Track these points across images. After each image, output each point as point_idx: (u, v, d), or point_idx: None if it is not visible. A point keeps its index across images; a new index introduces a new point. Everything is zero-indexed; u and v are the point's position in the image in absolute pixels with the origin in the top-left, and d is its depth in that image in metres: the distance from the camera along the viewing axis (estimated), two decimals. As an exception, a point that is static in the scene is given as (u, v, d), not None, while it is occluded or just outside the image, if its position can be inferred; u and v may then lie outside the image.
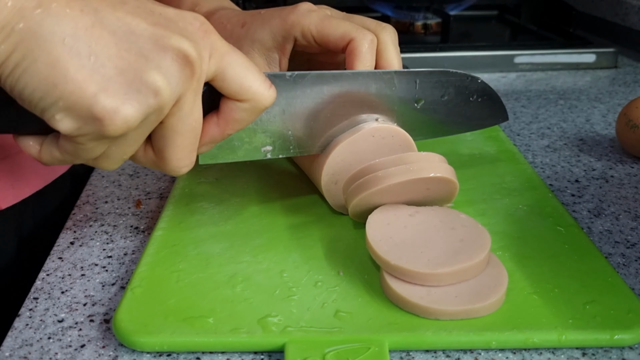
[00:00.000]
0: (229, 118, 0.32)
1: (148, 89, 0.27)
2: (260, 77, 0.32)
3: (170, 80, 0.28)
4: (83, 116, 0.27)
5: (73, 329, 0.33)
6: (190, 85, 0.29)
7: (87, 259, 0.39)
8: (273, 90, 0.32)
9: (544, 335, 0.31)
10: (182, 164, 0.32)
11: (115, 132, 0.28)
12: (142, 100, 0.27)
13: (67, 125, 0.27)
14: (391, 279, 0.33)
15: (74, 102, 0.27)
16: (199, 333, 0.31)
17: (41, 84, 0.26)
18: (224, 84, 0.31)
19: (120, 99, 0.27)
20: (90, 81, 0.27)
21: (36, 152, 0.31)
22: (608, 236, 0.41)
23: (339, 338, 0.30)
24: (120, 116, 0.27)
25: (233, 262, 0.37)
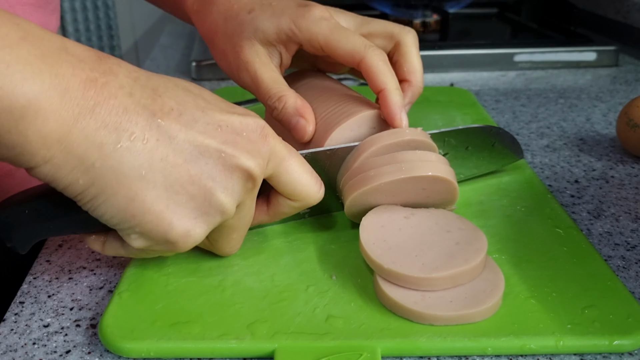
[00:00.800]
0: (278, 211, 0.35)
1: (216, 210, 0.30)
2: (312, 181, 0.34)
3: (235, 197, 0.31)
4: (157, 240, 0.30)
5: (59, 334, 0.32)
6: (251, 194, 0.32)
7: (75, 262, 0.38)
8: (322, 189, 0.35)
9: (541, 341, 0.30)
10: (234, 250, 0.35)
11: (185, 249, 0.31)
12: (210, 221, 0.30)
13: (141, 244, 0.30)
14: (385, 283, 0.32)
15: (150, 230, 0.29)
16: (187, 339, 0.30)
17: (120, 213, 0.28)
18: (279, 186, 0.34)
19: (191, 223, 0.30)
20: (166, 211, 0.29)
21: (100, 248, 0.33)
22: (608, 238, 0.40)
23: (330, 344, 0.30)
24: (191, 239, 0.30)
25: (223, 265, 0.36)
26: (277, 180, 0.33)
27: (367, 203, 0.36)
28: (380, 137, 0.37)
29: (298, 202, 0.34)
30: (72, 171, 0.27)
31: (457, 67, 0.79)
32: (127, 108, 0.27)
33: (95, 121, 0.26)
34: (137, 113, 0.28)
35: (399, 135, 0.37)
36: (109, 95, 0.27)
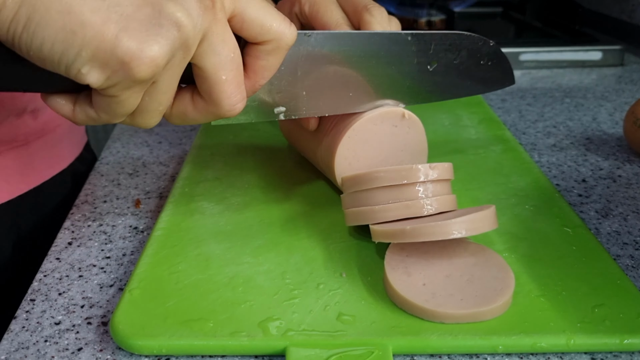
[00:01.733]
0: (256, 67, 0.32)
1: (169, 21, 0.27)
2: (279, 15, 0.31)
3: (191, 12, 0.27)
4: (109, 62, 0.26)
5: (70, 331, 0.32)
6: (213, 16, 0.28)
7: (85, 260, 0.38)
8: (294, 28, 0.32)
9: (552, 340, 0.30)
10: (235, 100, 0.31)
11: (145, 72, 0.27)
12: (165, 35, 0.27)
13: (95, 77, 0.26)
14: (395, 281, 0.32)
15: (96, 48, 0.26)
16: (198, 336, 0.30)
17: (59, 34, 0.25)
18: (244, 26, 0.30)
19: (142, 37, 0.26)
20: (109, 22, 0.25)
21: (69, 111, 0.30)
22: (616, 237, 0.40)
23: (342, 342, 0.30)
24: (146, 55, 0.26)
25: (234, 263, 0.36)
26: (241, 20, 0.30)
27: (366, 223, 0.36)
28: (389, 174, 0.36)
29: (270, 42, 0.31)
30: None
31: (462, 66, 0.79)
32: None
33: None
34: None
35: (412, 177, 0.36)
36: None
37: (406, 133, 0.40)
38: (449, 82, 0.42)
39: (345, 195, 0.37)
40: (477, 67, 0.42)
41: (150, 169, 0.51)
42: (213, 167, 0.48)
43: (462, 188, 0.44)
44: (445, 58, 0.40)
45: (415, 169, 0.35)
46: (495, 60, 0.43)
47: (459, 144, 0.52)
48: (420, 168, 0.35)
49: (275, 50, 0.32)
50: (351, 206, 0.37)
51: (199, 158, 0.50)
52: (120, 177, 0.49)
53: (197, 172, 0.47)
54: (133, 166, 0.51)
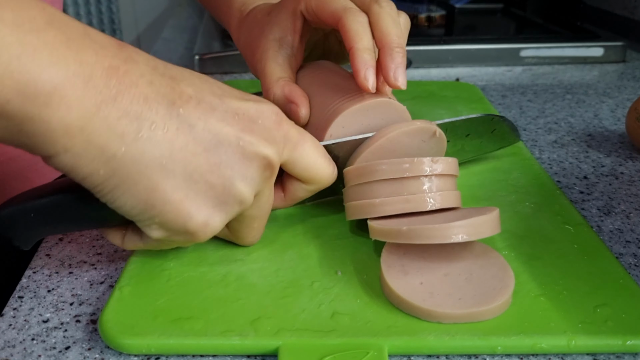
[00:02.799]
0: (293, 195, 0.36)
1: (235, 199, 0.30)
2: (327, 162, 0.35)
3: (253, 186, 0.31)
4: (177, 230, 0.30)
5: (58, 329, 0.31)
6: (269, 183, 0.32)
7: (76, 256, 0.37)
8: (335, 172, 0.36)
9: (553, 340, 0.29)
10: (255, 239, 0.35)
11: (204, 239, 0.31)
12: (229, 210, 0.30)
13: (160, 235, 0.30)
14: (392, 280, 0.32)
15: (170, 220, 0.29)
16: (189, 335, 0.29)
17: (140, 204, 0.28)
18: (295, 171, 0.34)
19: (209, 212, 0.30)
20: (186, 201, 0.29)
21: (119, 242, 0.33)
22: (619, 235, 0.39)
23: (336, 342, 0.29)
24: (210, 228, 0.30)
25: (226, 260, 0.35)
26: (292, 166, 0.33)
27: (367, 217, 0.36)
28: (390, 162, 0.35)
29: (313, 185, 0.35)
30: (93, 161, 0.26)
31: (462, 62, 0.79)
32: (148, 97, 0.27)
33: (117, 110, 0.26)
34: (157, 102, 0.27)
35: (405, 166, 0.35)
36: (130, 83, 0.27)
37: (430, 149, 0.39)
38: (460, 150, 0.44)
39: (347, 189, 0.36)
40: (487, 137, 0.45)
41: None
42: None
43: (461, 185, 0.43)
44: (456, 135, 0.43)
45: (418, 161, 0.34)
46: (503, 128, 0.45)
47: (459, 140, 0.51)
48: (424, 161, 0.34)
49: (315, 190, 0.36)
50: (352, 199, 0.36)
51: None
52: (114, 172, 0.48)
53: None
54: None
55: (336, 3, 0.39)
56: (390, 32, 0.38)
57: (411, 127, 0.37)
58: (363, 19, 0.38)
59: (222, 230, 0.34)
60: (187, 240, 0.31)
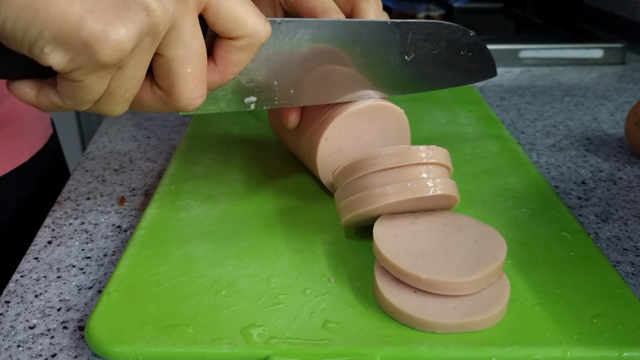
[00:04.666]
0: (226, 61, 0.31)
1: (138, 5, 0.26)
2: (255, 11, 0.30)
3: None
4: (72, 44, 0.25)
5: (45, 336, 0.31)
6: (185, 6, 0.27)
7: (65, 260, 0.36)
8: (269, 25, 0.31)
9: (548, 352, 0.29)
10: (195, 95, 0.30)
11: (110, 57, 0.25)
12: (133, 19, 0.26)
13: (58, 58, 0.25)
14: (385, 288, 0.31)
15: (60, 28, 0.25)
16: (177, 343, 0.29)
17: (21, 13, 0.24)
18: (218, 19, 0.29)
19: (109, 19, 0.25)
20: (74, 1, 0.24)
21: (33, 98, 0.29)
22: (616, 243, 0.38)
23: (327, 351, 0.28)
24: (112, 38, 0.25)
25: (218, 265, 0.34)
26: (216, 12, 0.29)
27: (366, 217, 0.35)
28: (382, 156, 0.35)
29: (243, 38, 0.30)
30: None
31: (461, 62, 0.78)
32: None
33: None
34: None
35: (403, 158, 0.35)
36: None
37: (389, 125, 0.39)
38: (428, 73, 0.40)
39: (341, 189, 0.36)
40: (457, 57, 0.41)
41: (137, 164, 0.49)
42: (201, 163, 0.47)
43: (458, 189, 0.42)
44: (423, 48, 0.39)
45: (415, 149, 0.34)
46: (475, 51, 0.41)
47: (456, 142, 0.50)
48: (420, 148, 0.34)
49: (248, 47, 0.31)
50: (348, 196, 0.35)
51: (188, 154, 0.48)
52: (106, 173, 0.48)
53: (185, 168, 0.46)
54: (119, 162, 0.50)
55: (315, 1, 0.39)
56: None
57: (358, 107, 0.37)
58: (339, 17, 0.38)
59: (155, 93, 0.30)
60: (92, 62, 0.26)
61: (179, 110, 0.31)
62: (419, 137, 0.51)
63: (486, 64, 0.43)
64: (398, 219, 0.35)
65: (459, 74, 0.42)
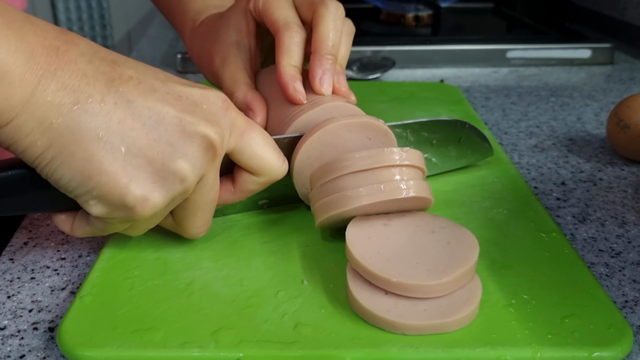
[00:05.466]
0: (244, 189, 0.35)
1: (175, 176, 0.29)
2: (276, 154, 0.34)
3: (195, 165, 0.30)
4: (115, 204, 0.29)
5: (14, 337, 0.30)
6: (213, 164, 0.31)
7: (39, 261, 0.36)
8: (286, 165, 0.35)
9: (518, 352, 0.29)
10: (200, 231, 0.34)
11: (144, 217, 0.30)
12: (169, 187, 0.30)
13: (100, 211, 0.30)
14: (357, 290, 0.31)
15: (107, 192, 0.29)
16: (148, 347, 0.29)
17: (77, 176, 0.28)
18: (242, 160, 0.33)
19: (149, 187, 0.29)
20: (123, 173, 0.28)
21: (69, 228, 0.33)
22: (592, 244, 0.39)
23: (297, 353, 0.28)
24: (149, 204, 0.29)
25: (192, 268, 0.34)
26: (240, 154, 0.33)
27: (340, 218, 0.35)
28: (357, 157, 0.34)
29: (262, 176, 0.34)
30: (32, 132, 0.27)
31: (448, 62, 0.78)
32: (86, 73, 0.28)
33: (56, 83, 0.27)
34: (95, 78, 0.28)
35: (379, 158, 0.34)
36: (69, 60, 0.28)
37: (377, 147, 0.38)
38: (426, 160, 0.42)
39: (315, 190, 0.36)
40: (454, 146, 0.43)
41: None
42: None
43: (435, 190, 0.42)
44: (420, 140, 0.42)
45: (388, 151, 0.34)
46: (471, 138, 0.44)
47: (437, 143, 0.50)
48: (394, 150, 0.34)
49: (265, 183, 0.35)
50: (322, 198, 0.35)
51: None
52: (86, 174, 0.48)
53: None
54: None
55: (278, 13, 0.40)
56: (325, 38, 0.39)
57: (353, 121, 0.37)
58: (299, 38, 0.40)
59: (167, 219, 0.34)
60: (127, 217, 0.30)
61: (185, 236, 0.35)
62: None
63: (482, 147, 0.45)
64: (371, 220, 0.35)
65: (455, 159, 0.44)
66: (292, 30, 0.39)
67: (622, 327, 0.30)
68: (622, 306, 0.33)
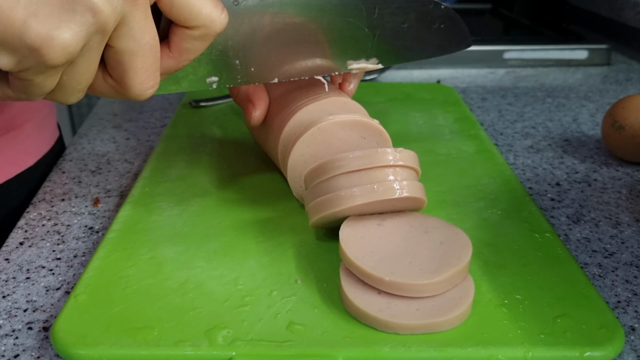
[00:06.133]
0: (181, 48, 0.31)
1: (84, 7, 0.25)
2: (209, 2, 0.30)
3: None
4: (17, 48, 0.25)
5: (9, 337, 0.31)
6: (136, 5, 0.27)
7: (35, 261, 0.37)
8: (225, 14, 0.30)
9: (510, 352, 0.29)
10: (146, 86, 0.30)
11: (56, 60, 0.26)
12: (79, 21, 0.25)
13: (5, 61, 0.26)
14: (350, 289, 0.31)
15: (3, 33, 0.25)
16: (141, 345, 0.29)
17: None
18: (172, 9, 0.29)
19: (53, 23, 0.25)
20: (17, 6, 0.24)
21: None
22: (585, 244, 0.39)
23: (290, 352, 0.28)
24: (57, 42, 0.25)
25: (186, 267, 0.35)
26: (169, 2, 0.29)
27: (334, 218, 0.35)
28: (350, 158, 0.34)
29: (198, 28, 0.30)
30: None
31: (445, 63, 0.78)
32: None
33: None
34: None
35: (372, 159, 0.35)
36: None
37: (370, 147, 0.38)
38: (398, 46, 0.39)
39: (309, 190, 0.36)
40: (429, 30, 0.40)
41: (114, 166, 0.49)
42: (177, 165, 0.47)
43: (430, 190, 0.42)
44: (392, 22, 0.38)
45: (382, 152, 0.34)
46: (448, 22, 0.40)
47: (431, 144, 0.50)
48: (388, 151, 0.34)
49: (203, 37, 0.30)
50: (314, 199, 0.35)
51: (164, 156, 0.48)
52: (82, 174, 0.48)
53: (161, 170, 0.46)
54: (97, 163, 0.50)
55: None
56: None
57: (346, 119, 0.37)
58: None
59: (106, 81, 0.30)
60: (39, 64, 0.26)
61: (131, 99, 0.31)
62: (395, 137, 0.51)
63: (461, 35, 0.42)
64: (365, 220, 0.35)
65: (431, 46, 0.41)
66: None
67: (613, 327, 0.30)
68: (615, 306, 0.33)
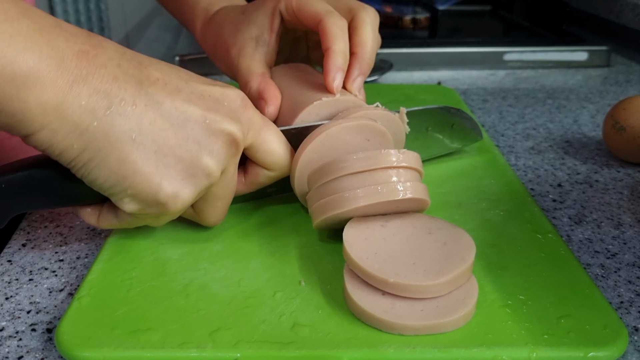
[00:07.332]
0: (255, 181, 0.37)
1: (202, 172, 0.31)
2: (287, 151, 0.36)
3: (220, 161, 0.32)
4: (148, 201, 0.31)
5: (13, 338, 0.31)
6: (235, 158, 0.33)
7: (37, 263, 0.37)
8: None
9: (514, 352, 0.29)
10: (218, 220, 0.36)
11: (176, 211, 0.32)
12: (197, 183, 0.32)
13: (133, 208, 0.31)
14: (354, 290, 0.31)
15: (141, 191, 0.30)
16: (145, 347, 0.29)
17: (112, 176, 0.30)
18: (257, 155, 0.35)
19: (179, 184, 0.31)
20: (156, 172, 0.30)
21: (95, 221, 0.35)
22: (588, 245, 0.39)
23: (294, 354, 0.28)
24: (180, 200, 0.31)
25: (190, 269, 0.35)
26: (255, 150, 0.35)
27: (337, 220, 0.35)
28: (355, 160, 0.34)
29: (274, 171, 0.36)
30: (67, 136, 0.28)
31: (445, 65, 0.78)
32: (117, 77, 0.29)
33: (89, 88, 0.28)
34: (125, 81, 0.29)
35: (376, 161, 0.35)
36: (99, 65, 0.29)
37: (374, 148, 0.38)
38: (420, 146, 0.45)
39: (312, 191, 0.36)
40: (447, 131, 0.46)
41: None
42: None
43: (432, 191, 0.42)
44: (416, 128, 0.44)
45: (385, 153, 0.34)
46: (463, 122, 0.46)
47: (434, 145, 0.50)
48: (391, 152, 0.34)
49: (276, 177, 0.37)
50: (319, 199, 0.35)
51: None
52: (84, 176, 0.48)
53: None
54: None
55: (318, 5, 0.41)
56: (367, 42, 0.41)
57: (352, 123, 0.37)
58: (343, 23, 0.41)
59: (188, 210, 0.35)
60: (159, 212, 0.32)
61: (203, 224, 0.37)
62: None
63: (474, 132, 0.48)
64: (369, 221, 0.35)
65: (449, 143, 0.47)
66: (335, 18, 0.40)
67: (617, 328, 0.30)
68: (618, 307, 0.33)
